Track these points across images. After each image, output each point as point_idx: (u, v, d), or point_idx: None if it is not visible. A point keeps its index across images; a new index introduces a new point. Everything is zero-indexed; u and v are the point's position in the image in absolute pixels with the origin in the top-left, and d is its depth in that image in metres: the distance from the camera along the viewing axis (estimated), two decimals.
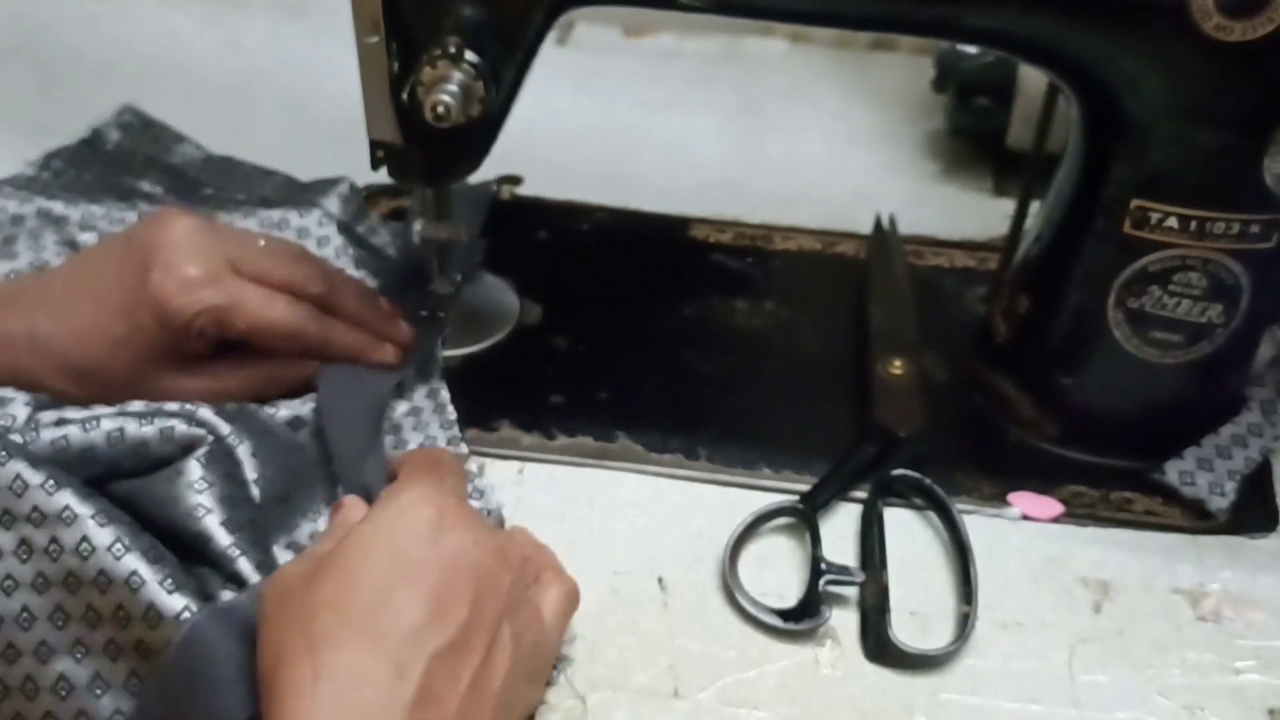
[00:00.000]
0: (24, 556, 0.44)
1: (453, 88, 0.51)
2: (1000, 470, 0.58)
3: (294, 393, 0.56)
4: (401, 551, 0.41)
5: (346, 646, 0.39)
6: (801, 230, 0.73)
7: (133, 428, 0.49)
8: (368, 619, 0.39)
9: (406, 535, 0.42)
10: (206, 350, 0.53)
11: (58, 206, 0.64)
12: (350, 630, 0.39)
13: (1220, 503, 0.56)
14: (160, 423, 0.49)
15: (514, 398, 0.61)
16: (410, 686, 0.38)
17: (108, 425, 0.49)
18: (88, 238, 0.63)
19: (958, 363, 0.63)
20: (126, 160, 0.73)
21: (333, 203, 0.69)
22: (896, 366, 0.61)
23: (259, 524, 0.50)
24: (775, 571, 0.53)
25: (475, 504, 0.54)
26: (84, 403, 0.51)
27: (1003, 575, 0.53)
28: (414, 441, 0.57)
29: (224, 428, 0.50)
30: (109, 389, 0.52)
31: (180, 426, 0.49)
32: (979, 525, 0.55)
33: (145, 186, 0.70)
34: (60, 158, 0.72)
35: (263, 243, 0.56)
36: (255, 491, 0.50)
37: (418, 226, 0.61)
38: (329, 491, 0.54)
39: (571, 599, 0.48)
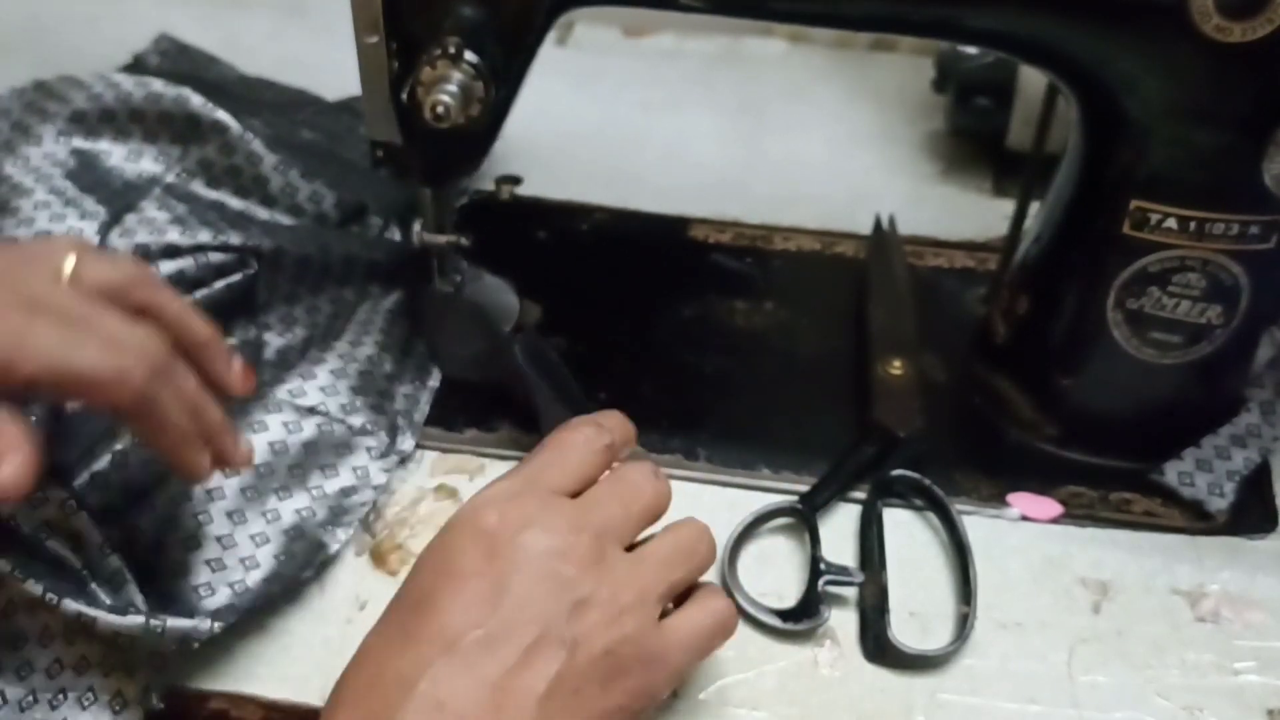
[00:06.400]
0: None
1: (453, 88, 0.51)
2: (999, 471, 0.58)
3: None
4: (448, 560, 0.42)
5: (377, 651, 0.41)
6: (801, 230, 0.73)
7: None
8: (402, 621, 0.41)
9: (456, 542, 0.43)
10: None
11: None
12: (389, 631, 0.42)
13: (1219, 503, 0.56)
14: None
15: (514, 398, 0.61)
16: (412, 693, 0.39)
17: None
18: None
19: (957, 363, 0.63)
20: (165, 80, 0.73)
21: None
22: (896, 367, 0.61)
23: None
24: (774, 572, 0.53)
25: None
26: None
27: (1002, 576, 0.53)
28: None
29: None
30: None
31: None
32: (978, 526, 0.55)
33: None
34: None
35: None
36: None
37: (418, 228, 0.61)
38: None
39: (719, 623, 0.45)
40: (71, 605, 0.45)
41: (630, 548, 0.45)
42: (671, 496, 0.47)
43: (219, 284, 0.58)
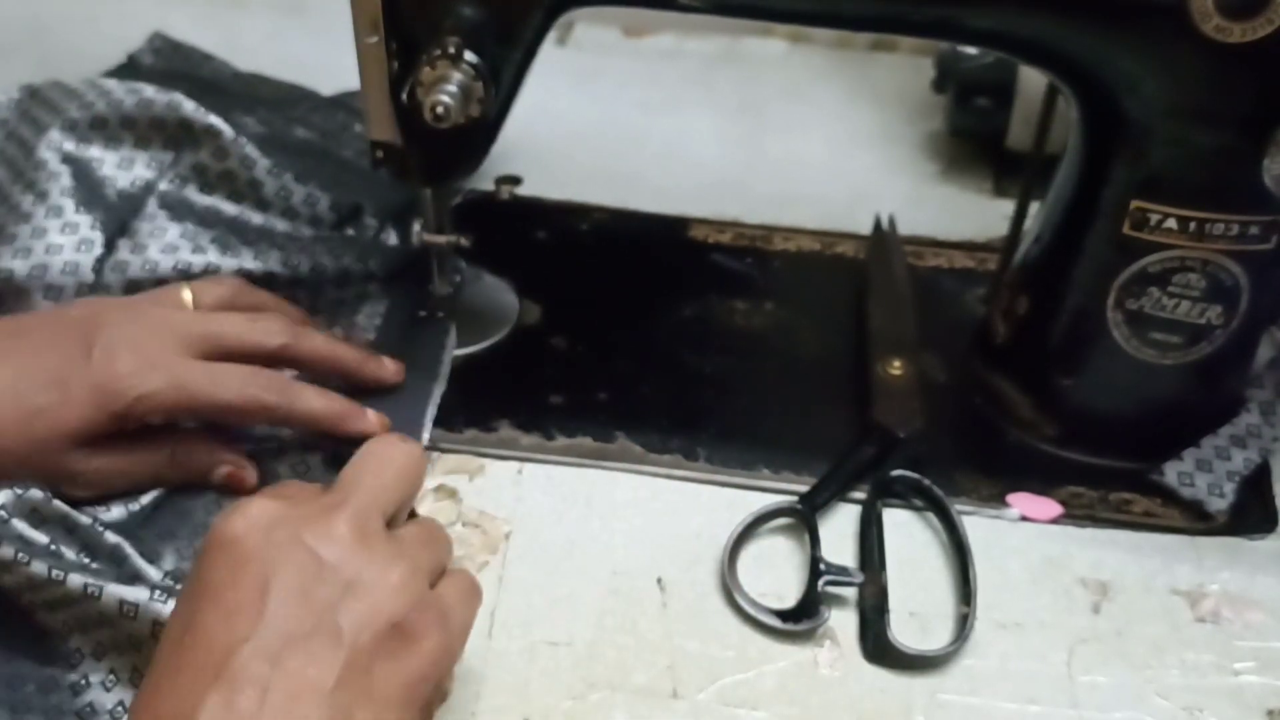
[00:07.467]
0: None
1: (452, 88, 0.51)
2: (999, 471, 0.58)
3: (200, 478, 0.53)
4: (200, 581, 0.39)
5: (148, 698, 0.38)
6: (801, 230, 0.73)
7: None
8: (167, 657, 0.38)
9: (205, 562, 0.39)
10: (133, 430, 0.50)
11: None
12: (158, 672, 0.38)
13: (1219, 504, 0.56)
14: None
15: (513, 398, 0.61)
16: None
17: None
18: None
19: (957, 363, 0.63)
20: (160, 79, 0.73)
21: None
22: (896, 367, 0.61)
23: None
24: (774, 572, 0.53)
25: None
26: None
27: (1002, 576, 0.53)
28: None
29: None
30: (2, 461, 0.48)
31: None
32: (978, 526, 0.55)
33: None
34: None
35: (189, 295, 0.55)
36: None
37: (417, 228, 0.61)
38: None
39: (476, 585, 0.44)
40: (78, 579, 0.45)
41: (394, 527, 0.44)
42: (424, 457, 0.46)
43: None
